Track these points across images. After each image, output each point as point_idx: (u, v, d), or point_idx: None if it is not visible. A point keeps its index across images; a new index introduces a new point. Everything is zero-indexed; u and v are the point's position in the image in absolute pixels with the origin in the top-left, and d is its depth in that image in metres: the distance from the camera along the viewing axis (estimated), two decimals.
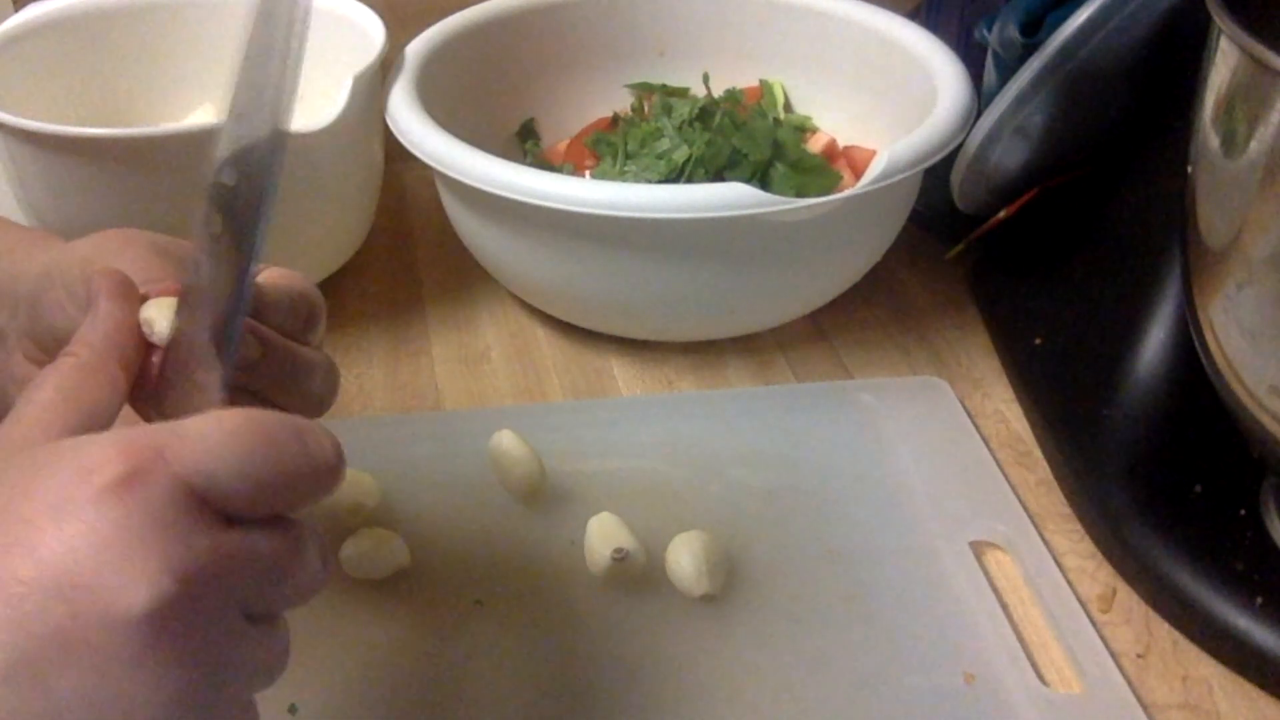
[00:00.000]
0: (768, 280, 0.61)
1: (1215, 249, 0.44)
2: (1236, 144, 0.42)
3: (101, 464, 0.28)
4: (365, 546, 0.50)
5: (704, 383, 0.64)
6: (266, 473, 0.30)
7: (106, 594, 0.27)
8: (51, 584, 0.27)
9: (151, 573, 0.27)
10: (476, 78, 0.72)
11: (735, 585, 0.50)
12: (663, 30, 0.77)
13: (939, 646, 0.48)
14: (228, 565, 0.29)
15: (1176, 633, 0.49)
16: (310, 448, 0.31)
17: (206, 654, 0.28)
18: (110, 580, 0.27)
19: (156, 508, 0.28)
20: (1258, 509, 0.51)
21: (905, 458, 0.57)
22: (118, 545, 0.27)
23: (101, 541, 0.27)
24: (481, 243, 0.64)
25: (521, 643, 0.48)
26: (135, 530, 0.27)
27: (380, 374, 0.65)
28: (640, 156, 0.69)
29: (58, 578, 0.27)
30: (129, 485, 0.28)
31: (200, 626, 0.28)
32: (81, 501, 0.27)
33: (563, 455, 0.56)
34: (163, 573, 0.27)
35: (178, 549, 0.28)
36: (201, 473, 0.29)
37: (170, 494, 0.28)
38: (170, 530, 0.28)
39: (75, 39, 0.71)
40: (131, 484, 0.28)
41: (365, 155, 0.68)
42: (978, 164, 0.61)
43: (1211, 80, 0.42)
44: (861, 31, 0.71)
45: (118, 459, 0.28)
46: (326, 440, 0.31)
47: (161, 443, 0.29)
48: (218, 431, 0.29)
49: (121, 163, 0.58)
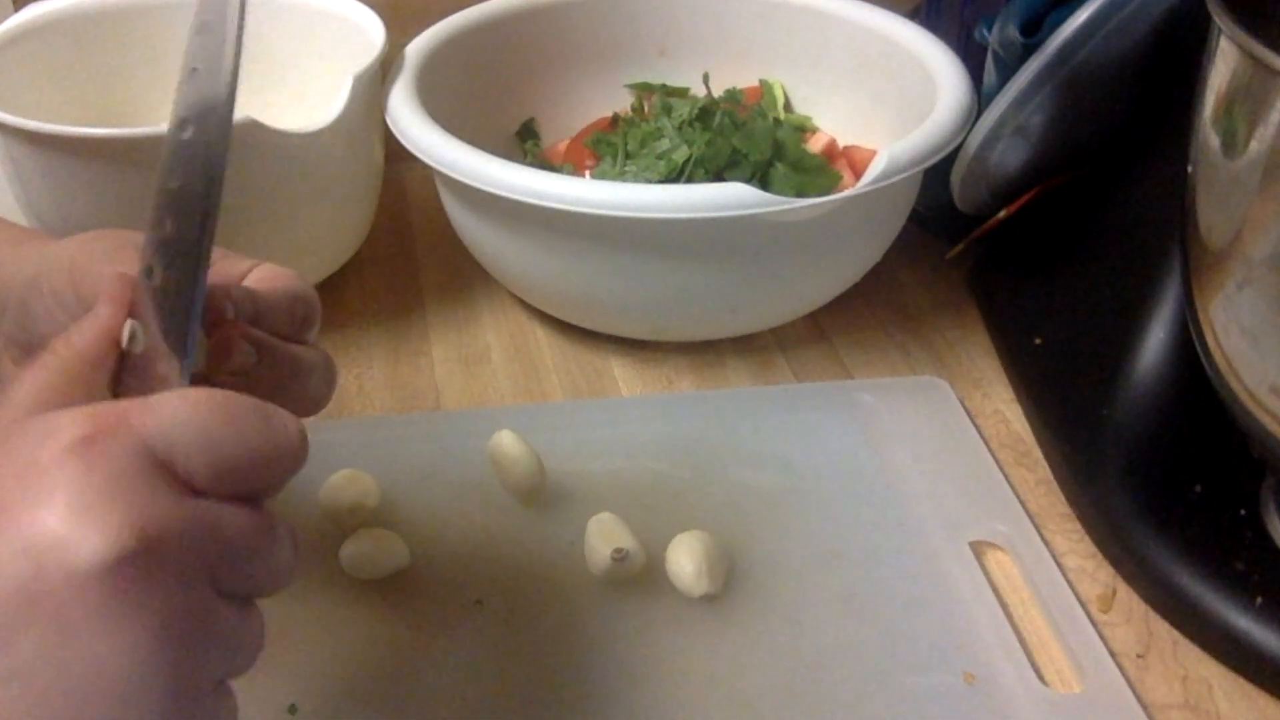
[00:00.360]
0: (768, 280, 0.61)
1: (1215, 249, 0.44)
2: (1236, 144, 0.41)
3: (65, 426, 0.29)
4: (365, 546, 0.50)
5: (704, 383, 0.64)
6: (228, 446, 0.30)
7: (68, 547, 0.27)
8: (17, 542, 0.27)
9: (112, 526, 0.27)
10: (476, 78, 0.72)
11: (735, 585, 0.50)
12: (663, 30, 0.77)
13: (939, 646, 0.48)
14: (192, 531, 0.29)
15: (1176, 633, 0.49)
16: (274, 426, 0.31)
17: (170, 617, 0.28)
18: (72, 534, 0.27)
19: (118, 466, 0.28)
20: (1258, 509, 0.51)
21: (905, 458, 0.57)
22: (79, 500, 0.27)
23: (64, 498, 0.27)
24: (481, 243, 0.64)
25: (521, 643, 0.48)
26: (96, 486, 0.28)
27: (380, 374, 0.65)
28: (640, 156, 0.69)
29: (22, 536, 0.27)
30: (91, 443, 0.28)
31: (162, 586, 0.28)
32: (45, 462, 0.28)
33: (563, 455, 0.56)
34: (123, 526, 0.27)
35: (138, 505, 0.28)
36: (164, 438, 0.29)
37: (132, 454, 0.29)
38: (131, 488, 0.28)
39: (75, 39, 0.71)
40: (94, 442, 0.28)
41: (365, 155, 0.68)
42: (978, 164, 0.61)
43: (1211, 80, 0.42)
44: (861, 31, 0.71)
45: (81, 421, 0.29)
46: (290, 422, 0.32)
47: (125, 409, 0.30)
48: (181, 401, 0.30)
49: (121, 163, 0.58)
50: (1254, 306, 0.43)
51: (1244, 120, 0.41)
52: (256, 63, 0.73)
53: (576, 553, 0.51)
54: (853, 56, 0.72)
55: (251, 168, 0.59)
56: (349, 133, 0.63)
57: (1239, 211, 0.42)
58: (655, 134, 0.69)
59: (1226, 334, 0.45)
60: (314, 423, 0.36)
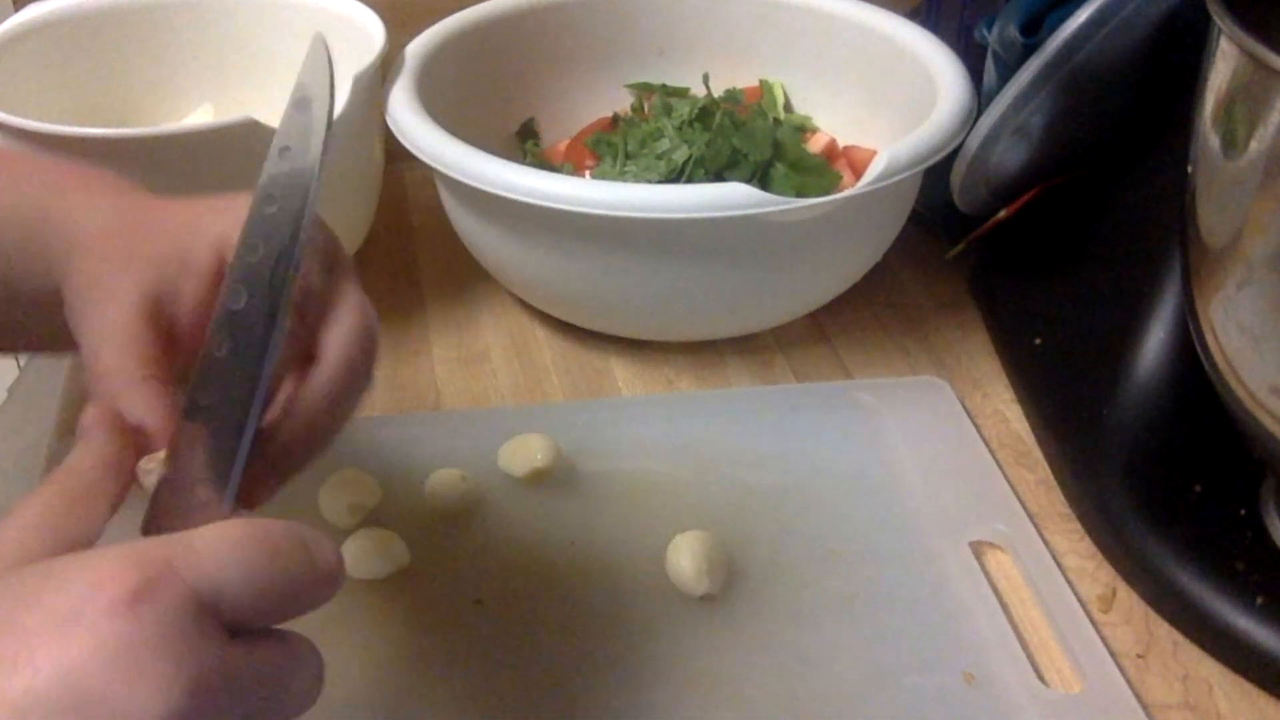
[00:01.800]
0: (768, 280, 0.61)
1: (1215, 249, 0.44)
2: (1236, 144, 0.41)
3: (113, 576, 0.28)
4: (365, 546, 0.50)
5: (704, 383, 0.64)
6: (272, 582, 0.30)
7: (119, 705, 0.27)
8: (59, 698, 0.26)
9: (164, 684, 0.27)
10: (476, 78, 0.72)
11: (735, 585, 0.50)
12: (663, 30, 0.77)
13: (939, 646, 0.48)
14: (235, 678, 0.29)
15: (1176, 633, 0.49)
16: (314, 555, 0.31)
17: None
18: (122, 692, 0.27)
19: (168, 620, 0.28)
20: (1258, 509, 0.51)
21: (905, 458, 0.57)
22: (130, 657, 0.27)
23: (113, 654, 0.27)
24: (481, 243, 0.64)
25: (521, 643, 0.48)
26: (147, 642, 0.27)
27: (380, 374, 0.65)
28: (640, 156, 0.69)
29: (67, 692, 0.27)
30: (140, 598, 0.28)
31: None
32: (92, 614, 0.27)
33: (563, 455, 0.56)
34: (175, 684, 0.27)
35: (189, 661, 0.28)
36: (211, 583, 0.29)
37: (181, 606, 0.28)
38: (182, 642, 0.28)
39: (75, 39, 0.71)
40: (143, 597, 0.28)
41: (365, 155, 0.68)
42: (978, 164, 0.61)
43: (1211, 80, 0.42)
44: (861, 31, 0.71)
45: (129, 571, 0.28)
46: (328, 547, 0.32)
47: (170, 554, 0.29)
48: (224, 542, 0.30)
49: (121, 163, 0.58)
50: (1254, 306, 0.43)
51: (1244, 120, 0.41)
52: (256, 63, 0.73)
53: (576, 553, 0.51)
54: (853, 56, 0.72)
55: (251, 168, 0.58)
56: (349, 133, 0.63)
57: (1239, 211, 0.42)
58: (655, 134, 0.69)
59: (1226, 334, 0.45)
60: None
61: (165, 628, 0.28)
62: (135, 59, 0.73)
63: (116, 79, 0.73)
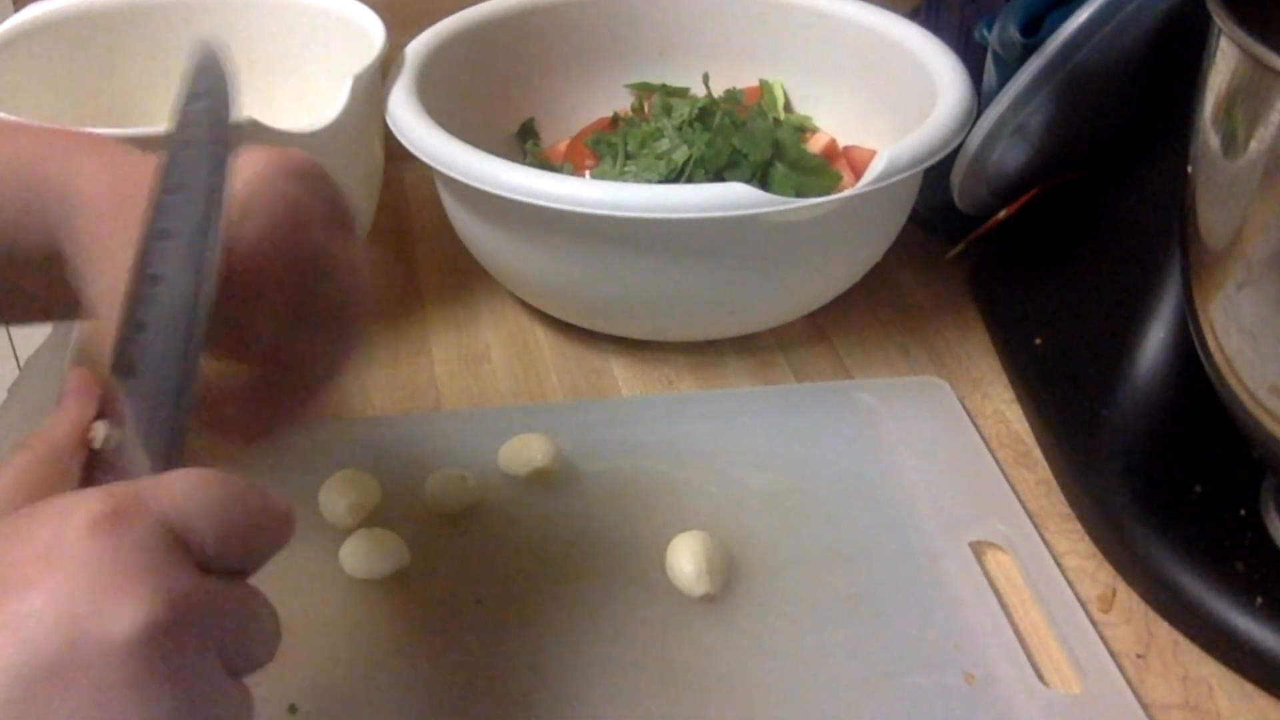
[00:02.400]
0: (768, 280, 0.61)
1: (1215, 249, 0.44)
2: (1236, 144, 0.42)
3: (83, 506, 0.29)
4: (365, 546, 0.50)
5: (704, 383, 0.64)
6: (235, 519, 0.31)
7: (103, 620, 0.28)
8: (49, 618, 0.28)
9: (144, 596, 0.28)
10: (476, 78, 0.72)
11: (735, 585, 0.50)
12: (663, 30, 0.77)
13: (939, 646, 0.48)
14: (208, 606, 0.30)
15: (1176, 633, 0.49)
16: (269, 500, 0.33)
17: (192, 688, 0.29)
18: (105, 607, 0.28)
19: (142, 541, 0.29)
20: (1258, 509, 0.51)
21: (905, 458, 0.57)
22: (109, 575, 0.28)
23: (95, 572, 0.28)
24: (481, 243, 0.64)
25: (521, 643, 0.48)
26: (124, 561, 0.29)
27: (380, 374, 0.65)
28: (640, 156, 0.69)
29: (54, 611, 0.28)
30: (113, 521, 0.29)
31: (188, 658, 0.29)
32: (72, 539, 0.29)
33: (563, 455, 0.56)
34: (155, 595, 0.28)
35: (166, 576, 0.29)
36: (180, 515, 0.30)
37: (153, 531, 0.29)
38: (158, 559, 0.29)
39: (75, 39, 0.71)
40: (115, 520, 0.29)
41: (365, 155, 0.68)
42: (978, 164, 0.61)
43: (1211, 80, 0.42)
44: (861, 31, 0.71)
45: (100, 501, 0.29)
46: (280, 498, 0.33)
47: (139, 487, 0.31)
48: (189, 482, 0.31)
49: None
50: (1254, 306, 0.43)
51: (1244, 120, 0.41)
52: (256, 63, 0.73)
53: (577, 553, 0.51)
54: (853, 56, 0.72)
55: None
56: (349, 133, 0.62)
57: (1239, 212, 0.42)
58: (655, 134, 0.69)
59: (1226, 334, 0.45)
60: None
61: (139, 549, 0.29)
62: (135, 59, 0.73)
63: (116, 79, 0.73)
